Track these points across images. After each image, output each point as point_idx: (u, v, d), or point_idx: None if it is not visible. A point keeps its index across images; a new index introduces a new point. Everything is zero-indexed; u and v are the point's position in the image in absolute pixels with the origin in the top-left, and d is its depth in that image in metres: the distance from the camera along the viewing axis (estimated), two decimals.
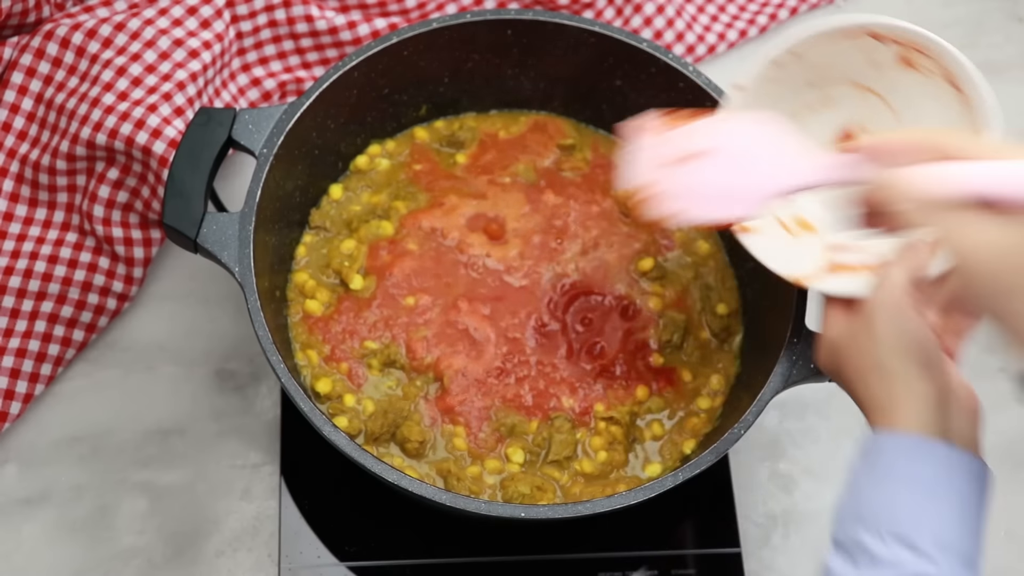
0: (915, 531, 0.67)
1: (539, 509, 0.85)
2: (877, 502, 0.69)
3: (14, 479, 1.00)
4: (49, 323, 1.03)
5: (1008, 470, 1.07)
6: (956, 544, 0.67)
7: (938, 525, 0.67)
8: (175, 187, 0.91)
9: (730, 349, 1.01)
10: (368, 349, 0.97)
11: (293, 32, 1.14)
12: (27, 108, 1.07)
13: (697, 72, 0.99)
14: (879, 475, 0.69)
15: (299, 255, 1.02)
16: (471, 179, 1.05)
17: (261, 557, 0.99)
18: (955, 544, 0.67)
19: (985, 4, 1.29)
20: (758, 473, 1.05)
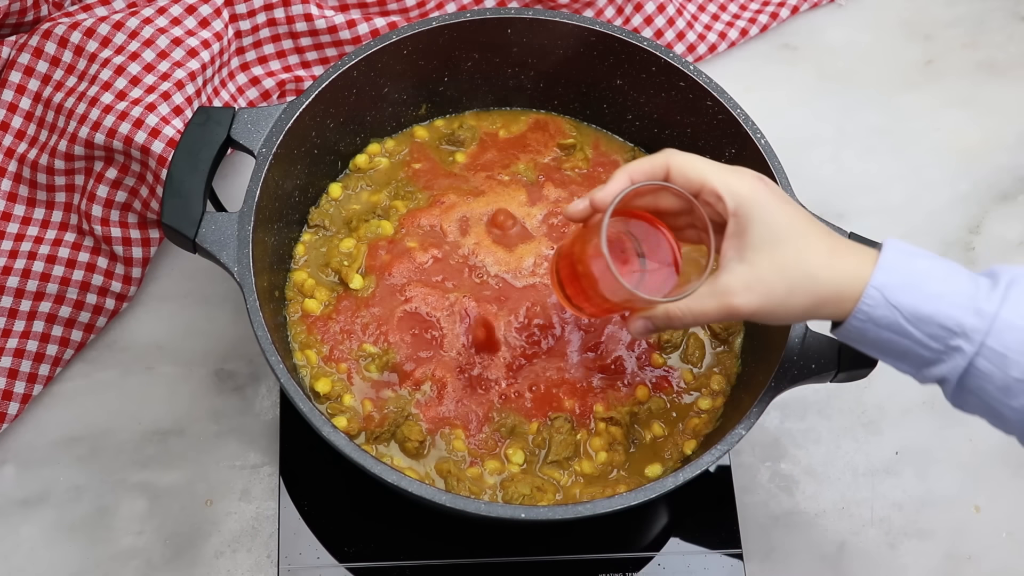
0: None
1: (539, 510, 0.85)
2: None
3: (12, 480, 1.00)
4: (47, 323, 1.03)
5: (1008, 470, 1.06)
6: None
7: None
8: (174, 187, 0.91)
9: (731, 349, 1.00)
10: (366, 352, 0.97)
11: (292, 31, 1.14)
12: (25, 107, 1.07)
13: (698, 71, 0.99)
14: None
15: (298, 254, 1.01)
16: (470, 177, 1.05)
17: (260, 558, 0.99)
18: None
19: (987, 3, 1.28)
20: (759, 473, 1.05)
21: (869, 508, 1.04)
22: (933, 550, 1.03)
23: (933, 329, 0.76)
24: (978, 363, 0.75)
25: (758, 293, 0.78)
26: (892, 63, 1.25)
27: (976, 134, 1.22)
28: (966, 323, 0.75)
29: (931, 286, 0.76)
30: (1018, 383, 0.75)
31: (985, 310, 0.74)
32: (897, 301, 0.76)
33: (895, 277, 0.76)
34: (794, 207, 0.80)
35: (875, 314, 0.76)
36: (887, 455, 1.06)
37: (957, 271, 0.77)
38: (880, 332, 0.77)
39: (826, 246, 0.78)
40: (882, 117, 1.22)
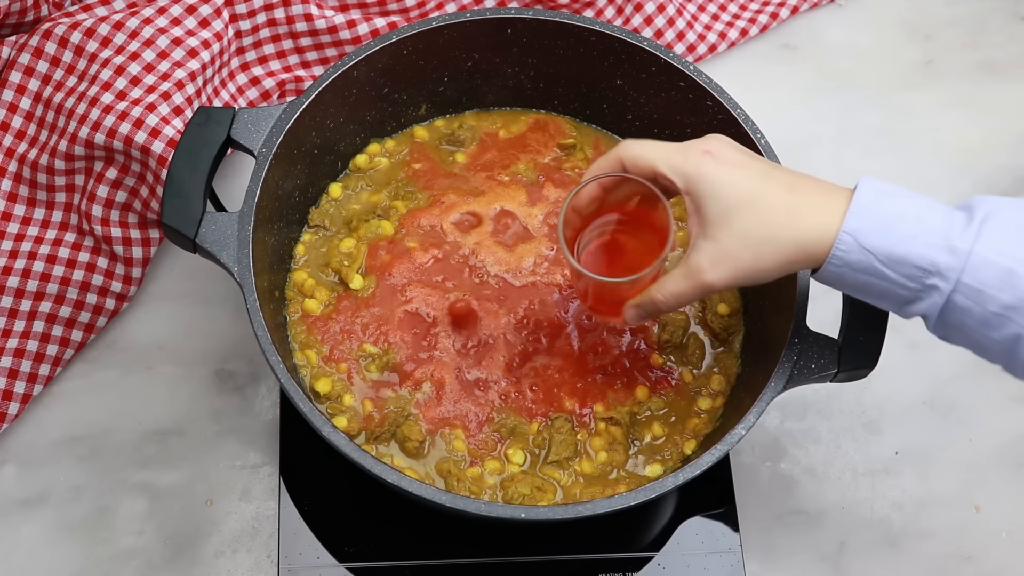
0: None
1: (539, 510, 0.85)
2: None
3: (12, 480, 1.00)
4: (47, 323, 1.03)
5: (1008, 470, 1.06)
6: None
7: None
8: (174, 187, 0.91)
9: (731, 349, 1.00)
10: (366, 352, 0.97)
11: (292, 31, 1.14)
12: (25, 107, 1.07)
13: (698, 71, 0.99)
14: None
15: (298, 253, 1.01)
16: (470, 177, 1.05)
17: (260, 558, 0.99)
18: None
19: (987, 3, 1.28)
20: (759, 473, 1.05)
21: (869, 508, 1.04)
22: (933, 550, 1.03)
23: (908, 269, 0.77)
24: (955, 299, 0.76)
25: (726, 266, 0.80)
26: (892, 63, 1.25)
27: (976, 134, 1.22)
28: (940, 262, 0.76)
29: (904, 227, 0.76)
30: (997, 316, 0.76)
31: (959, 248, 0.75)
32: (870, 245, 0.77)
33: (867, 221, 0.77)
34: (744, 171, 0.80)
35: (850, 259, 0.78)
36: (887, 455, 1.06)
37: (932, 208, 0.77)
38: (857, 276, 0.78)
39: (784, 205, 0.79)
40: (882, 117, 1.22)
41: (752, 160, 0.82)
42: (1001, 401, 1.09)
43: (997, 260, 0.75)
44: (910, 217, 0.77)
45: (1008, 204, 0.77)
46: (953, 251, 0.75)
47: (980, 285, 0.75)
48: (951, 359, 1.11)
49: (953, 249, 0.75)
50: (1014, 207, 0.77)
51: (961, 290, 0.76)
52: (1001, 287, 0.75)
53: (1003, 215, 0.76)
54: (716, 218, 0.80)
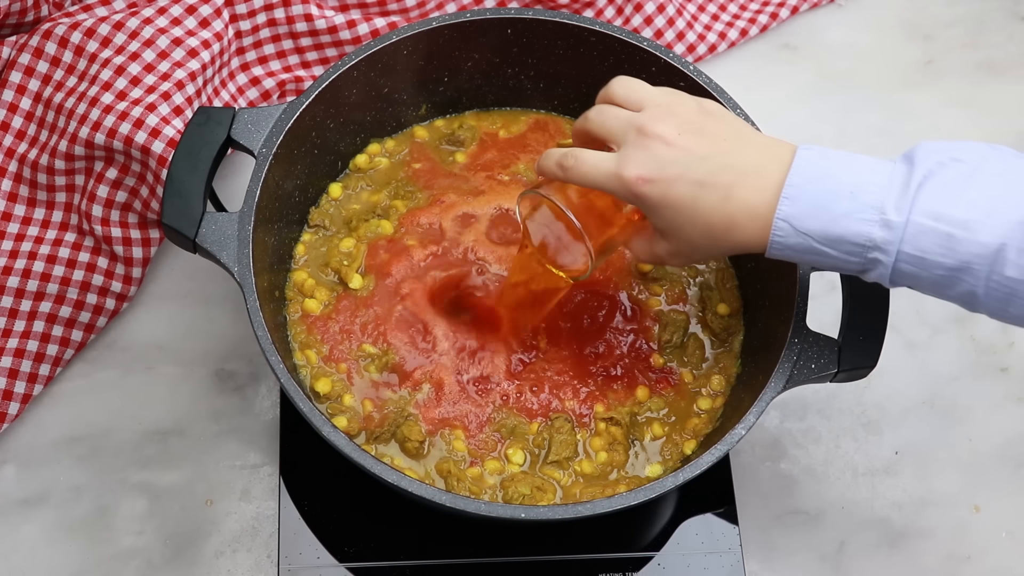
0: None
1: (539, 510, 0.85)
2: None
3: (12, 480, 1.00)
4: (47, 323, 1.03)
5: (1008, 470, 1.06)
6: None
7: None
8: (174, 187, 0.91)
9: (731, 349, 1.00)
10: (365, 352, 0.97)
11: (292, 31, 1.14)
12: (26, 107, 1.07)
13: (698, 71, 0.99)
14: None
15: (298, 253, 1.01)
16: (470, 177, 1.05)
17: (260, 558, 0.99)
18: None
19: (987, 3, 1.28)
20: (759, 473, 1.05)
21: (869, 508, 1.04)
22: (933, 550, 1.03)
23: (847, 247, 0.77)
24: (901, 267, 0.77)
25: (683, 256, 0.86)
26: (892, 63, 1.25)
27: (976, 134, 1.22)
28: (876, 236, 0.76)
29: (839, 204, 0.77)
30: (945, 277, 0.76)
31: (894, 221, 0.75)
32: (806, 228, 0.78)
33: (800, 204, 0.78)
34: (680, 186, 0.81)
35: (789, 243, 0.79)
36: (887, 455, 1.06)
37: (869, 177, 0.77)
38: (801, 255, 0.79)
39: (721, 219, 0.80)
40: (882, 117, 1.22)
41: (686, 153, 0.81)
42: (1001, 401, 1.09)
43: (935, 226, 0.75)
44: (845, 192, 0.77)
45: (951, 154, 0.76)
46: (888, 225, 0.76)
47: (921, 253, 0.75)
48: (951, 359, 1.11)
49: (888, 223, 0.76)
50: (956, 157, 0.76)
51: (903, 259, 0.76)
52: (942, 252, 0.75)
53: (944, 171, 0.76)
54: (663, 230, 0.84)
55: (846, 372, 0.90)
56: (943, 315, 1.12)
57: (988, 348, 1.11)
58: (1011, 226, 0.74)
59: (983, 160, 0.76)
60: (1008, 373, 1.10)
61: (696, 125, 0.82)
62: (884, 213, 0.76)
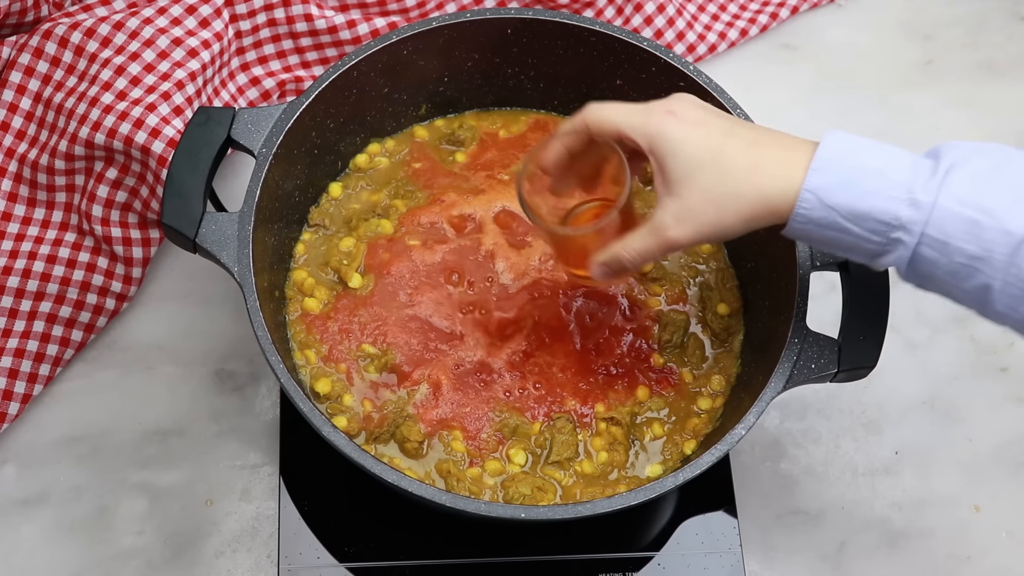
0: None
1: (539, 510, 0.85)
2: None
3: (12, 480, 1.00)
4: (47, 323, 1.03)
5: (1008, 470, 1.06)
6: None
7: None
8: (174, 187, 0.91)
9: (731, 349, 1.00)
10: (365, 352, 0.97)
11: (292, 31, 1.14)
12: (26, 107, 1.07)
13: (698, 71, 0.99)
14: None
15: (298, 253, 1.01)
16: (471, 176, 1.05)
17: (260, 558, 0.99)
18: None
19: (987, 3, 1.28)
20: (759, 473, 1.05)
21: (869, 508, 1.04)
22: (933, 550, 1.03)
23: (872, 224, 0.77)
24: (922, 251, 0.76)
25: (690, 223, 0.81)
26: (892, 63, 1.25)
27: (976, 134, 1.22)
28: (903, 215, 0.76)
29: (867, 182, 0.77)
30: (964, 267, 0.76)
31: (921, 201, 0.75)
32: (833, 202, 0.77)
33: (830, 176, 0.77)
34: (705, 129, 0.81)
35: (813, 216, 0.78)
36: (887, 455, 1.06)
37: (897, 159, 0.77)
38: (823, 231, 0.78)
39: (746, 161, 0.79)
40: (882, 117, 1.22)
41: (716, 117, 0.82)
42: (1001, 401, 1.09)
43: (961, 211, 0.75)
44: (873, 170, 0.77)
45: (976, 149, 0.77)
46: (916, 204, 0.75)
47: (945, 237, 0.75)
48: (951, 359, 1.11)
49: (916, 203, 0.75)
50: (982, 152, 0.76)
51: (926, 242, 0.76)
52: (966, 239, 0.75)
53: (970, 162, 0.76)
54: (678, 176, 0.80)
55: (846, 372, 0.90)
56: (943, 315, 1.12)
57: (988, 348, 1.11)
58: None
59: (1008, 157, 0.76)
60: (1008, 373, 1.10)
61: (720, 116, 0.82)
62: (913, 192, 0.75)
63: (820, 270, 0.93)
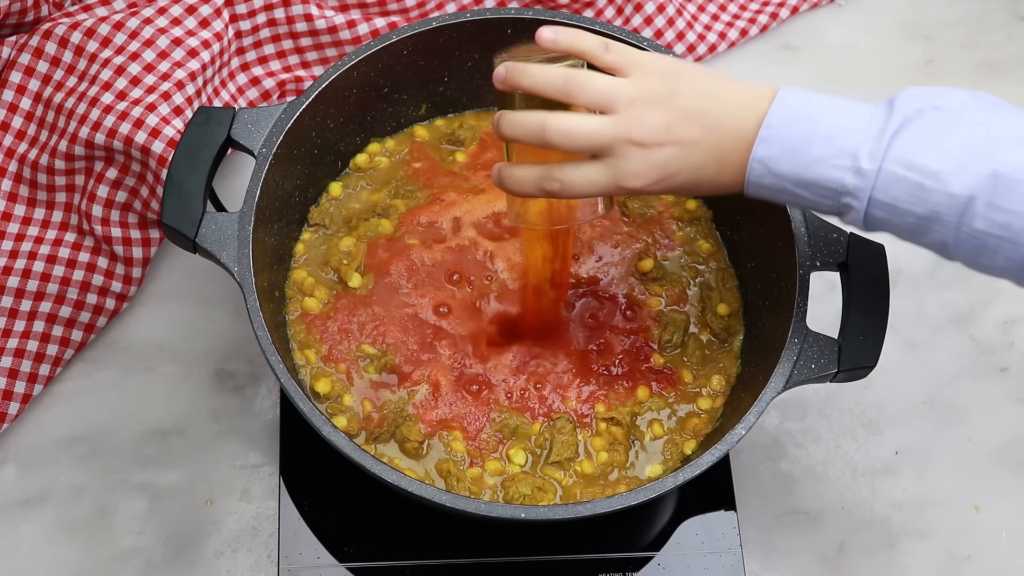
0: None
1: (539, 510, 0.85)
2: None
3: (12, 480, 1.00)
4: (47, 323, 1.03)
5: (1008, 470, 1.06)
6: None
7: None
8: (174, 187, 0.91)
9: (731, 349, 1.00)
10: (364, 353, 0.97)
11: (292, 31, 1.14)
12: (26, 107, 1.07)
13: None
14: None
15: (297, 252, 1.01)
16: (471, 175, 1.05)
17: (260, 558, 0.99)
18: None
19: (987, 3, 1.28)
20: (759, 473, 1.05)
21: (869, 508, 1.04)
22: (933, 550, 1.03)
23: (821, 191, 0.78)
24: (873, 213, 0.77)
25: (645, 179, 0.81)
26: (892, 63, 1.25)
27: None
28: (848, 183, 0.77)
29: (813, 149, 0.77)
30: (917, 225, 0.76)
31: (866, 169, 0.76)
32: (780, 171, 0.78)
33: (777, 146, 0.78)
34: (667, 149, 0.80)
35: (764, 183, 0.79)
36: (887, 455, 1.06)
37: (846, 121, 0.77)
38: (779, 195, 0.80)
39: (714, 171, 0.80)
40: None
41: (681, 152, 0.80)
42: (1001, 401, 1.09)
43: (906, 175, 0.75)
44: (821, 136, 0.77)
45: (931, 102, 0.77)
46: (860, 172, 0.76)
47: (892, 200, 0.76)
48: (951, 359, 1.11)
49: (859, 171, 0.76)
50: (936, 105, 0.76)
51: (875, 205, 0.77)
52: (913, 201, 0.76)
53: (921, 119, 0.76)
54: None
55: (846, 372, 0.90)
56: (943, 315, 1.12)
57: (988, 348, 1.11)
58: (981, 178, 0.74)
59: (963, 108, 0.76)
60: (1008, 373, 1.10)
61: (677, 106, 0.80)
62: (857, 160, 0.76)
63: (820, 270, 0.93)
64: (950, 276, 1.13)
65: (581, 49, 0.82)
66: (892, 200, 0.76)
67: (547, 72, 0.81)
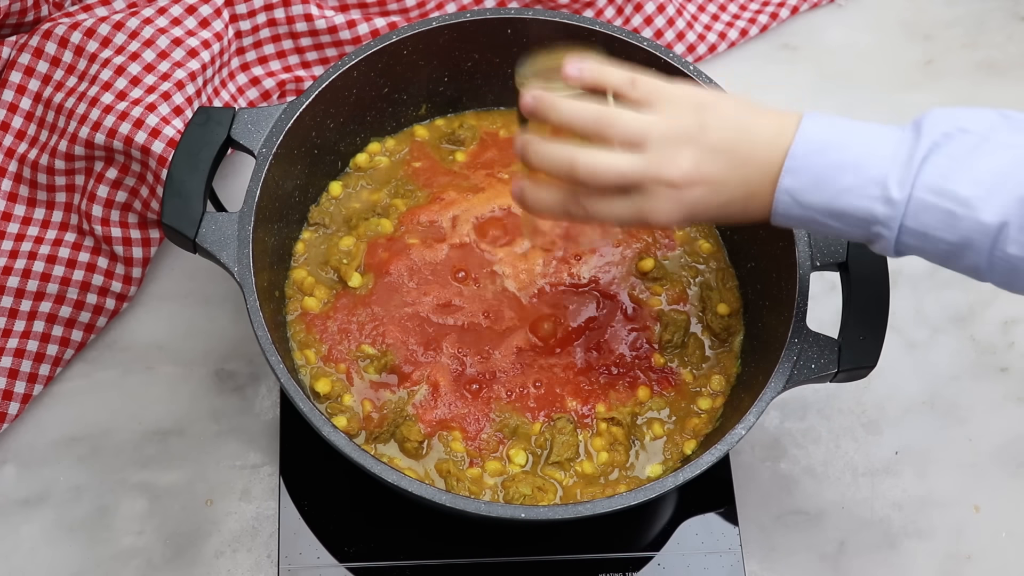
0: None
1: (539, 510, 0.85)
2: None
3: (12, 480, 1.00)
4: (47, 323, 1.03)
5: (1008, 470, 1.06)
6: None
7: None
8: (174, 187, 0.91)
9: (731, 349, 1.00)
10: (364, 353, 0.97)
11: (292, 31, 1.14)
12: (26, 107, 1.07)
13: (698, 71, 0.99)
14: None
15: (297, 251, 1.01)
16: (471, 175, 1.05)
17: (260, 558, 0.99)
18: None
19: (987, 3, 1.28)
20: (759, 473, 1.05)
21: (869, 508, 1.04)
22: (933, 550, 1.03)
23: (850, 220, 0.77)
24: (905, 240, 0.77)
25: (672, 217, 0.80)
26: (892, 63, 1.25)
27: None
28: (878, 213, 0.76)
29: (842, 179, 0.76)
30: (949, 252, 0.76)
31: (895, 198, 0.75)
32: (808, 202, 0.77)
33: (804, 177, 0.77)
34: (698, 189, 0.79)
35: (792, 214, 0.78)
36: (887, 455, 1.06)
37: (874, 149, 0.77)
38: (807, 225, 0.79)
39: (742, 205, 0.80)
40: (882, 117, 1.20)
41: (709, 192, 0.79)
42: (1001, 401, 1.09)
43: (937, 203, 0.75)
44: (849, 165, 0.76)
45: (959, 125, 0.76)
46: (890, 202, 0.75)
47: (923, 228, 0.76)
48: (951, 359, 1.11)
49: (889, 200, 0.75)
50: (964, 128, 0.76)
51: (907, 233, 0.76)
52: (944, 229, 0.75)
53: (950, 143, 0.75)
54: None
55: (846, 372, 0.90)
56: (943, 315, 1.12)
57: (988, 348, 1.11)
58: (1013, 204, 0.73)
59: (991, 130, 0.76)
60: (1008, 373, 1.10)
61: (707, 141, 0.79)
62: (887, 189, 0.75)
63: (820, 270, 0.93)
64: (950, 276, 1.12)
65: (608, 85, 0.81)
66: (923, 228, 0.75)
67: (577, 109, 0.80)
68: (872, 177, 0.76)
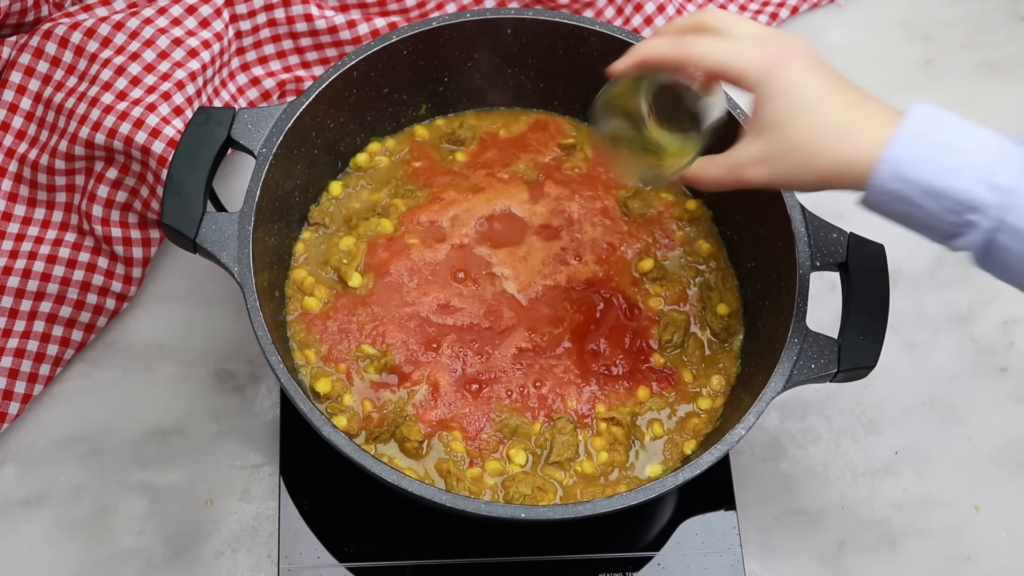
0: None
1: (539, 510, 0.85)
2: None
3: (13, 480, 1.00)
4: (48, 323, 1.03)
5: (1008, 470, 1.06)
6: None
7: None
8: (174, 187, 0.91)
9: (731, 349, 1.00)
10: (364, 353, 0.97)
11: (292, 31, 1.14)
12: (26, 107, 1.07)
13: None
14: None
15: (297, 251, 1.01)
16: (471, 174, 1.05)
17: (260, 558, 0.99)
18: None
19: (987, 3, 1.28)
20: (759, 473, 1.05)
21: (869, 508, 1.04)
22: (933, 550, 1.03)
23: (948, 203, 0.75)
24: (999, 239, 0.74)
25: (768, 167, 0.80)
26: (892, 63, 1.25)
27: None
28: (979, 198, 0.74)
29: (948, 159, 0.75)
30: None
31: (1001, 185, 0.73)
32: (910, 176, 0.75)
33: (911, 150, 0.75)
34: (820, 78, 0.79)
35: (889, 187, 0.76)
36: (887, 455, 1.06)
37: (984, 140, 0.75)
38: (898, 204, 0.77)
39: (843, 119, 0.78)
40: None
41: (826, 67, 0.80)
42: (1001, 401, 1.09)
43: None
44: (956, 148, 0.75)
45: None
46: (995, 188, 0.73)
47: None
48: (951, 359, 1.11)
49: (995, 186, 0.73)
50: None
51: (1005, 230, 0.74)
52: None
53: None
54: (773, 120, 0.79)
55: (846, 372, 0.90)
56: (943, 315, 1.12)
57: (988, 348, 1.11)
58: None
59: None
60: (1008, 373, 1.10)
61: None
62: (993, 176, 0.74)
63: (820, 270, 0.93)
64: (950, 276, 1.13)
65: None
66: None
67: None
68: (979, 162, 0.74)
